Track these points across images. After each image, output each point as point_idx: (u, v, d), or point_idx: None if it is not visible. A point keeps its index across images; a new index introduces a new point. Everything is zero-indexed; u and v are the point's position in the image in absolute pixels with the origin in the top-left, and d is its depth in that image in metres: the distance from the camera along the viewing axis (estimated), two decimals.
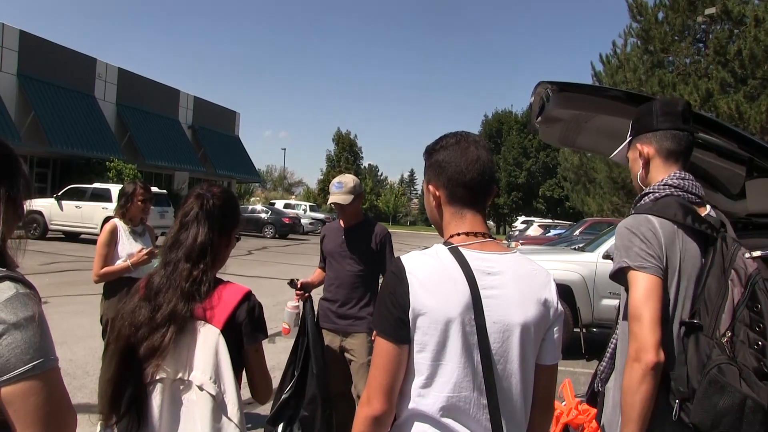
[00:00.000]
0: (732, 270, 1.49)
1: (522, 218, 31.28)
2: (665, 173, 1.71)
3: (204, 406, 1.47)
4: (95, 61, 27.92)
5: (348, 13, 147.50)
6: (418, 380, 1.28)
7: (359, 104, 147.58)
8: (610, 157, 2.06)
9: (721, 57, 15.46)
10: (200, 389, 1.48)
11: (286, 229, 26.48)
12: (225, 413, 1.48)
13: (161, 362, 1.48)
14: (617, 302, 1.81)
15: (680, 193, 1.65)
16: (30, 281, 1.09)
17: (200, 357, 1.50)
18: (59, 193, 18.02)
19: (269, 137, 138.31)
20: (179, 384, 1.49)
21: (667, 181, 1.68)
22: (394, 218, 58.41)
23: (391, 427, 1.32)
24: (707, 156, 2.64)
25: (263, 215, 26.71)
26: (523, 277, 1.34)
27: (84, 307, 7.57)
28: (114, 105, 28.92)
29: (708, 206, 1.70)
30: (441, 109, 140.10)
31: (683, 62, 18.20)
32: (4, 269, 1.07)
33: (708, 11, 15.79)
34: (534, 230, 22.79)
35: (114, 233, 3.67)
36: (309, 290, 3.47)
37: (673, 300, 1.54)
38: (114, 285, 3.61)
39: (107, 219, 4.04)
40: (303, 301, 3.39)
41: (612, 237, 7.50)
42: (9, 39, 23.26)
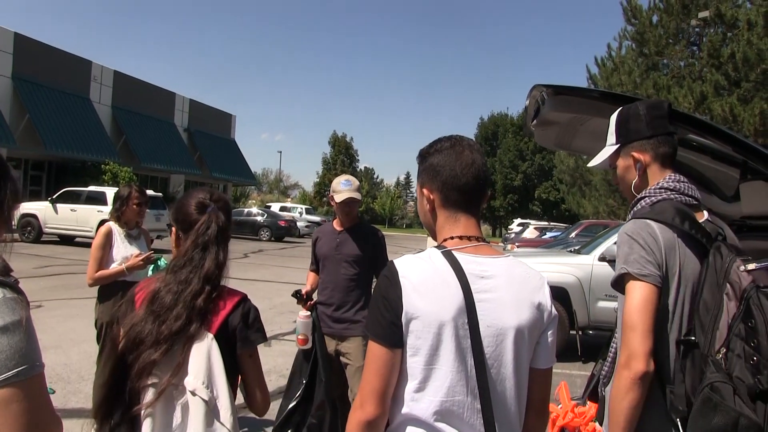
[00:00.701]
0: (727, 284, 1.49)
1: (518, 221, 31.27)
2: (661, 178, 1.71)
3: (196, 411, 1.46)
4: (90, 64, 27.84)
5: (344, 17, 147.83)
6: (412, 384, 1.27)
7: (355, 107, 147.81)
8: (590, 165, 2.01)
9: (715, 60, 15.54)
10: (193, 394, 1.47)
11: (282, 232, 26.44)
12: (218, 418, 1.47)
13: (158, 371, 1.47)
14: (615, 305, 1.81)
15: (677, 196, 1.65)
16: (18, 286, 1.07)
17: (193, 362, 1.49)
18: (54, 196, 17.94)
19: (265, 140, 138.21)
20: (173, 389, 1.48)
21: (663, 185, 1.68)
22: (390, 221, 58.37)
23: None
24: (702, 159, 2.64)
25: (259, 218, 26.67)
26: (517, 281, 1.34)
27: (78, 311, 7.53)
28: (109, 108, 28.84)
29: (705, 212, 1.69)
30: (437, 112, 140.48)
31: (677, 65, 18.29)
32: None
33: (701, 15, 15.88)
34: (530, 233, 22.83)
35: (109, 236, 3.66)
36: (312, 298, 3.47)
37: (672, 305, 1.54)
38: (109, 288, 3.60)
39: (102, 222, 4.02)
40: (310, 309, 3.40)
41: (608, 239, 7.52)
42: (3, 41, 23.17)
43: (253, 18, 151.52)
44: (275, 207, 33.85)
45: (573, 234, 16.96)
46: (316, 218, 33.34)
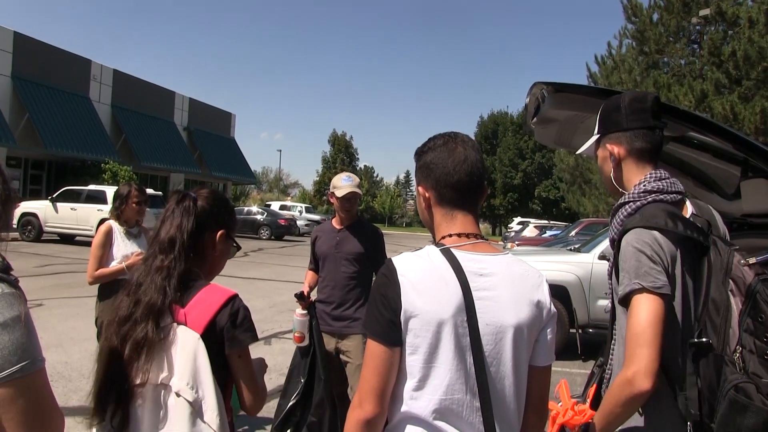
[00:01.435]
0: (729, 280, 1.46)
1: (518, 219, 31.26)
2: (639, 174, 1.65)
3: (181, 412, 1.45)
4: (90, 63, 27.83)
5: (343, 16, 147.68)
6: (411, 383, 1.27)
7: (355, 106, 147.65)
8: (578, 152, 1.99)
9: (716, 58, 15.53)
10: (177, 395, 1.46)
11: (282, 231, 26.45)
12: (202, 418, 1.45)
13: (148, 365, 1.46)
14: (607, 304, 1.78)
15: (662, 197, 1.59)
16: (16, 281, 1.07)
17: (179, 362, 1.47)
18: (54, 195, 17.96)
19: (265, 139, 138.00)
20: (161, 389, 1.48)
21: (646, 187, 1.60)
22: (390, 219, 58.40)
23: (383, 431, 1.31)
24: (703, 156, 2.64)
25: (259, 217, 26.69)
26: (516, 279, 1.33)
27: (79, 310, 7.54)
28: (109, 107, 28.83)
29: (689, 205, 1.64)
30: (436, 111, 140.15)
31: (678, 63, 18.29)
32: None
33: (702, 12, 15.87)
34: (530, 231, 22.81)
35: (109, 235, 3.67)
36: (310, 296, 3.48)
37: (680, 309, 1.50)
38: (109, 287, 3.60)
39: (102, 221, 4.02)
40: (308, 307, 3.40)
41: (607, 237, 7.52)
42: (3, 40, 23.16)
43: (253, 17, 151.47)
44: (275, 206, 33.86)
45: (573, 232, 16.94)
46: (316, 217, 33.33)
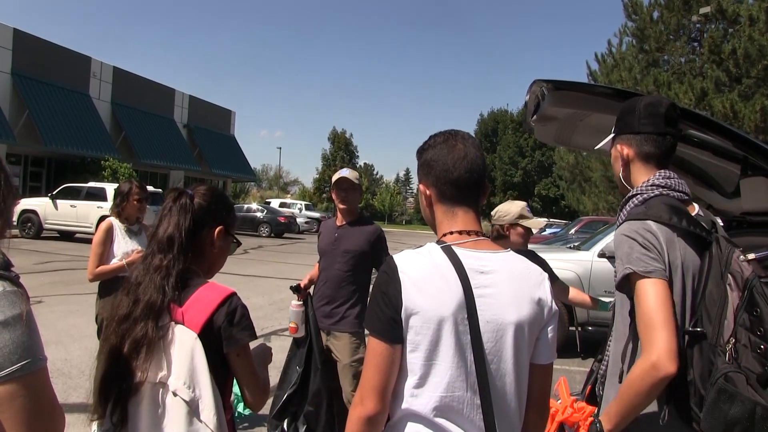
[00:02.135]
0: (728, 274, 1.47)
1: None
2: (646, 175, 1.69)
3: (178, 411, 1.45)
4: (90, 60, 27.80)
5: (344, 13, 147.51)
6: (411, 380, 1.27)
7: (355, 103, 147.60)
8: (597, 147, 2.04)
9: (716, 56, 15.51)
10: (174, 395, 1.46)
11: (282, 228, 26.44)
12: (199, 418, 1.45)
13: (146, 364, 1.46)
14: (613, 301, 1.79)
15: (668, 192, 1.63)
16: (18, 279, 1.07)
17: (176, 362, 1.47)
18: (54, 193, 17.93)
19: (265, 136, 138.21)
20: (159, 387, 1.48)
21: (654, 182, 1.66)
22: (390, 217, 58.33)
23: (385, 428, 1.31)
24: (702, 154, 2.64)
25: (259, 214, 26.65)
26: (517, 276, 1.33)
27: (79, 307, 7.54)
28: (109, 104, 28.81)
29: (696, 205, 1.68)
30: (437, 108, 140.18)
31: (678, 61, 18.26)
32: None
33: (702, 10, 15.85)
34: None
35: (110, 232, 3.66)
36: (310, 287, 3.48)
37: (678, 299, 1.51)
38: (109, 284, 3.60)
39: (103, 218, 4.02)
40: (304, 299, 3.42)
41: (607, 235, 7.52)
42: (3, 37, 23.13)
43: (253, 15, 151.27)
44: (275, 203, 33.88)
45: (573, 230, 16.93)
46: (316, 214, 33.32)
